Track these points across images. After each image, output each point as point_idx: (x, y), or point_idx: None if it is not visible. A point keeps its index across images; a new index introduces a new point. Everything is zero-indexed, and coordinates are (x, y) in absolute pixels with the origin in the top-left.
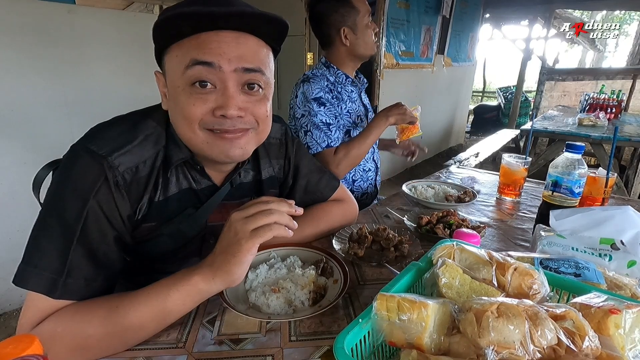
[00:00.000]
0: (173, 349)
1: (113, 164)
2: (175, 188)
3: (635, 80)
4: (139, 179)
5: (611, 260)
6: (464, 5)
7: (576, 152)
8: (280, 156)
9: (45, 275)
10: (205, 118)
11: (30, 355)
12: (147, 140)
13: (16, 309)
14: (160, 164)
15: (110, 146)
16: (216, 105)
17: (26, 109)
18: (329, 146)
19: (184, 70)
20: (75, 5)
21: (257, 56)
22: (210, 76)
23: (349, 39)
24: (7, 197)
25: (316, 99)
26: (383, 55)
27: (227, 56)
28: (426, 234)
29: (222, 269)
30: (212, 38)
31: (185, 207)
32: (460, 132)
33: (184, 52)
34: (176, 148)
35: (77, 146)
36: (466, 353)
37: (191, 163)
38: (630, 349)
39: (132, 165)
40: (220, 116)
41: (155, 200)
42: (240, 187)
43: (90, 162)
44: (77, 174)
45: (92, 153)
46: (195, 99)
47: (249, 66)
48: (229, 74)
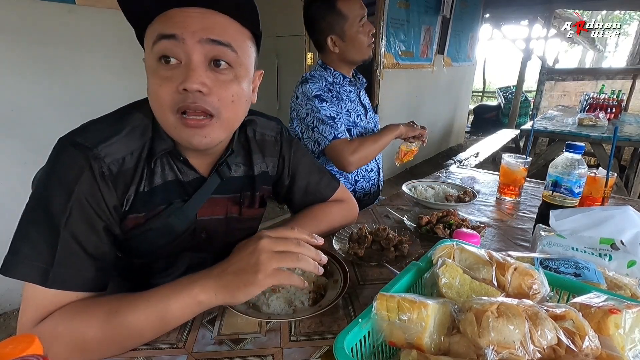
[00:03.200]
0: (173, 349)
1: (99, 154)
2: (160, 179)
3: (635, 80)
4: (126, 170)
5: (611, 260)
6: (464, 5)
7: (576, 152)
8: (275, 154)
9: (35, 265)
10: (173, 98)
11: (30, 355)
12: (134, 132)
13: (16, 308)
14: (146, 156)
15: (96, 138)
16: (179, 81)
17: (26, 109)
18: (336, 137)
19: (152, 47)
20: (75, 5)
21: (226, 31)
22: (175, 49)
23: (337, 45)
24: (7, 197)
25: (316, 96)
26: (383, 55)
27: (191, 28)
28: (426, 234)
29: (227, 290)
30: (178, 13)
31: (172, 200)
32: (460, 132)
33: (152, 30)
34: (160, 139)
35: (63, 139)
36: (466, 353)
37: (175, 154)
38: (630, 349)
39: (118, 157)
40: (183, 90)
41: (140, 191)
42: (230, 181)
43: (75, 154)
44: (62, 165)
45: (77, 145)
46: (162, 79)
47: (215, 37)
48: (193, 46)
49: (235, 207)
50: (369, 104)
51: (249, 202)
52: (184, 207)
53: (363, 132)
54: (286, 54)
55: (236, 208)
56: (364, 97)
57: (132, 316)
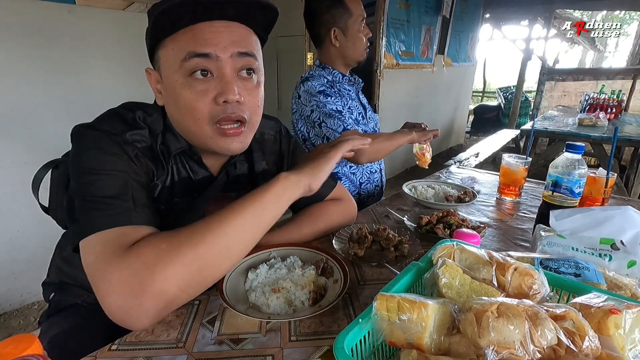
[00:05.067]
0: (173, 349)
1: (128, 139)
2: (176, 176)
3: (635, 80)
4: (153, 157)
5: (611, 261)
6: (464, 6)
7: (576, 152)
8: (274, 152)
9: (117, 212)
10: (210, 111)
11: (30, 355)
12: (152, 127)
13: (16, 308)
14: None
15: (120, 128)
16: (217, 93)
17: (26, 109)
18: (345, 130)
19: (180, 64)
20: (75, 5)
21: (249, 42)
22: (208, 65)
23: (339, 40)
24: (7, 197)
25: (320, 91)
26: (383, 55)
27: (222, 44)
28: (426, 234)
29: (308, 168)
30: (206, 29)
31: (183, 196)
32: (460, 132)
33: (180, 46)
34: (173, 138)
35: (84, 127)
36: (466, 353)
37: (189, 153)
38: (630, 349)
39: (145, 145)
40: (223, 102)
41: (165, 185)
42: (236, 179)
43: (107, 137)
44: (97, 141)
45: (105, 131)
46: (197, 93)
47: (243, 50)
48: (225, 61)
49: None
50: (367, 104)
51: None
52: (194, 204)
53: (365, 131)
54: (286, 54)
55: None
56: (362, 97)
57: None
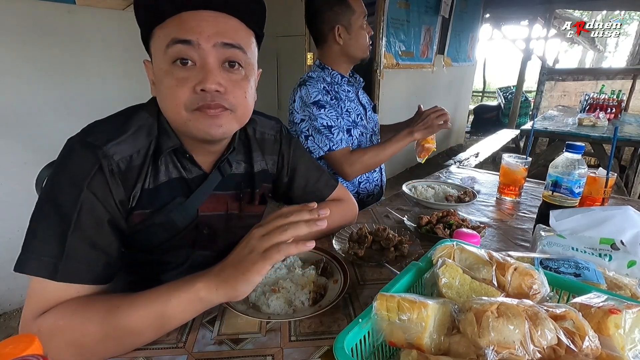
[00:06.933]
0: (173, 349)
1: (108, 152)
2: (165, 177)
3: (635, 80)
4: (133, 167)
5: (611, 260)
6: (463, 6)
7: (576, 152)
8: (274, 152)
9: (45, 260)
10: (189, 97)
11: (30, 355)
12: (140, 131)
13: (16, 308)
14: (152, 153)
15: (105, 137)
16: (196, 82)
17: (26, 109)
18: (330, 150)
19: (165, 50)
20: (75, 5)
21: (237, 34)
22: (190, 52)
23: (342, 37)
24: (7, 197)
25: (315, 102)
26: (383, 55)
27: (206, 33)
28: (426, 234)
29: (227, 283)
30: (192, 17)
31: (175, 196)
32: (460, 132)
33: (166, 33)
34: (166, 137)
35: (73, 139)
36: (466, 353)
37: (181, 151)
38: (630, 349)
39: (126, 155)
40: (201, 91)
41: (145, 188)
42: (231, 178)
43: (86, 153)
44: (73, 164)
45: (88, 144)
46: (178, 80)
47: (228, 41)
48: (208, 50)
49: (236, 204)
50: (367, 104)
51: (248, 198)
52: (186, 203)
53: (364, 131)
54: (286, 54)
55: (236, 205)
56: (363, 97)
57: (133, 311)
